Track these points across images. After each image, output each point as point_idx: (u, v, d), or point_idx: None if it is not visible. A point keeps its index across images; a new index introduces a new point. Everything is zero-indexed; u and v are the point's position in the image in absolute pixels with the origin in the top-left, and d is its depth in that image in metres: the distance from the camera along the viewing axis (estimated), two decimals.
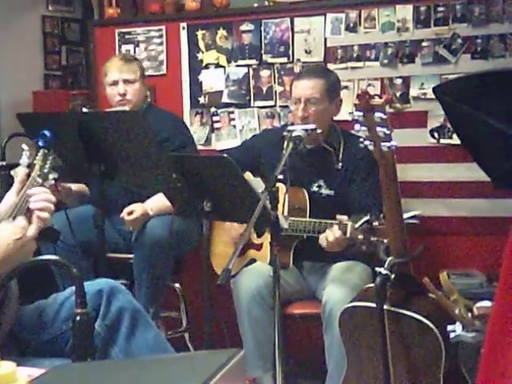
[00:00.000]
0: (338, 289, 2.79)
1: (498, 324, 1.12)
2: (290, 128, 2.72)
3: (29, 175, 1.99)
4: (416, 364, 2.36)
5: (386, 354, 2.35)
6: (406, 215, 2.48)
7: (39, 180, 2.00)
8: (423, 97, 3.42)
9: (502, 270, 1.14)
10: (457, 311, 2.23)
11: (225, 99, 3.81)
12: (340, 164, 3.05)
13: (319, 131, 2.84)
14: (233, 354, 1.18)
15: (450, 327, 2.24)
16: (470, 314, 2.22)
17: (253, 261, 3.08)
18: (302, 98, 2.98)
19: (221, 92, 3.82)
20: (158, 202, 3.13)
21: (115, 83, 3.32)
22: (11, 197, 1.95)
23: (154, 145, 2.62)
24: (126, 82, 3.32)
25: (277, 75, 3.70)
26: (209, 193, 2.54)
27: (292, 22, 3.65)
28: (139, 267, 3.15)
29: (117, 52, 3.95)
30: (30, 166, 2.03)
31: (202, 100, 3.85)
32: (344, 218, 2.66)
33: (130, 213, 3.13)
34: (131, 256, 3.20)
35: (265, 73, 3.73)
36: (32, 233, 1.82)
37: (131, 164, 2.71)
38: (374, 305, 2.37)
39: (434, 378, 2.34)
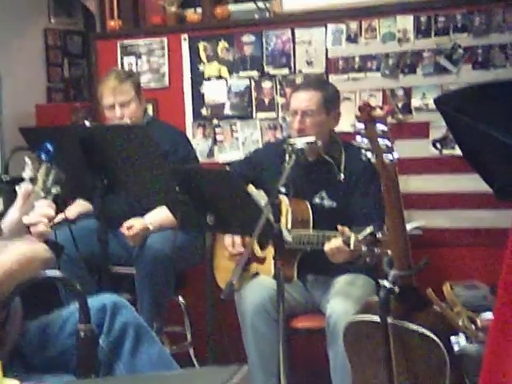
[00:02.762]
0: (342, 302, 2.78)
1: (499, 327, 1.11)
2: (289, 141, 2.72)
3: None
4: (421, 377, 2.35)
5: (390, 367, 2.34)
6: (408, 226, 2.47)
7: (42, 194, 2.00)
8: (425, 107, 3.42)
9: (502, 273, 1.14)
10: (460, 323, 2.23)
11: (227, 111, 3.81)
12: (342, 175, 3.05)
13: (319, 143, 2.84)
14: (236, 371, 1.17)
15: (453, 338, 2.23)
16: (473, 326, 2.22)
17: (256, 274, 3.08)
18: (298, 110, 2.99)
19: (223, 104, 3.82)
20: (158, 216, 3.12)
21: (112, 107, 3.31)
22: (14, 213, 1.95)
23: (157, 158, 2.63)
24: (121, 104, 3.29)
25: (279, 86, 3.70)
26: (212, 206, 2.54)
27: (293, 33, 3.66)
28: (141, 283, 3.14)
29: (118, 64, 3.95)
30: (33, 180, 2.04)
31: (204, 112, 3.85)
32: (345, 229, 2.65)
33: (130, 227, 3.13)
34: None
35: (267, 84, 3.74)
36: (44, 254, 1.80)
37: (134, 177, 2.71)
38: (377, 318, 2.36)
39: None
